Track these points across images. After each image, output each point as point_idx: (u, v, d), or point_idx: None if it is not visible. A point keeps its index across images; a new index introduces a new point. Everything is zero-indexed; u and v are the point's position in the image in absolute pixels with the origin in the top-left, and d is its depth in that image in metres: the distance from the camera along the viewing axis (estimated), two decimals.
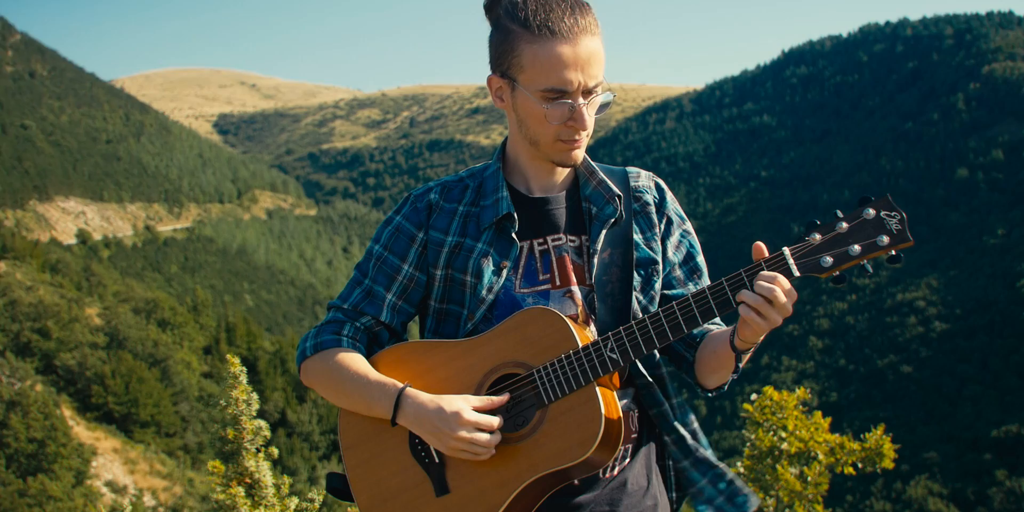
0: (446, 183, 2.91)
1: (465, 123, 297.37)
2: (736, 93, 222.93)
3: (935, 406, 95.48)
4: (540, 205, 2.83)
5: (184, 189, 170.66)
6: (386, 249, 2.86)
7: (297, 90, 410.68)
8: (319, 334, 2.84)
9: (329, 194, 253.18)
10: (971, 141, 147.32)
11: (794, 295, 2.44)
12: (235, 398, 4.82)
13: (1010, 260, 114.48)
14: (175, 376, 63.44)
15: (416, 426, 2.61)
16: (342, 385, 2.74)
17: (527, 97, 2.62)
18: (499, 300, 2.76)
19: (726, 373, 2.70)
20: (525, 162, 2.85)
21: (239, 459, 4.77)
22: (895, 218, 2.41)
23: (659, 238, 2.89)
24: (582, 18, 2.57)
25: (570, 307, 2.75)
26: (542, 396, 2.59)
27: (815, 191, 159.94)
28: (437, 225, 2.82)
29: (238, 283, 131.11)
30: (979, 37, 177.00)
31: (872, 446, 8.59)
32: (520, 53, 2.59)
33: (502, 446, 2.61)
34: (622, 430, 2.59)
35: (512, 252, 2.77)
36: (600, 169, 2.90)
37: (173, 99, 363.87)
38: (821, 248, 2.44)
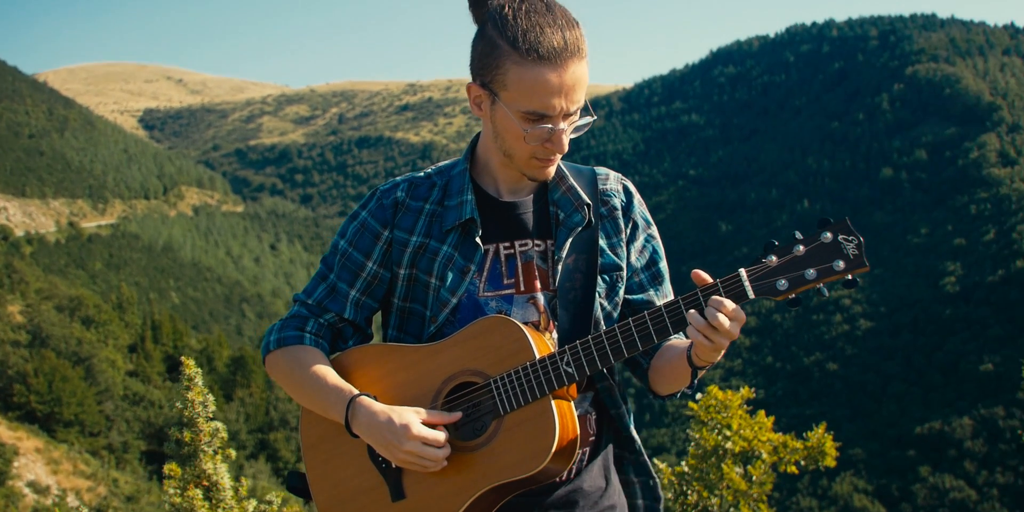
0: (413, 180, 2.89)
1: (395, 120, 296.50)
2: (665, 92, 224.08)
3: (860, 403, 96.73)
4: (508, 209, 2.81)
5: (109, 185, 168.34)
6: (351, 245, 2.84)
7: (224, 85, 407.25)
8: (283, 328, 2.85)
9: (256, 190, 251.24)
10: (895, 141, 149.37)
11: (742, 319, 2.43)
12: (191, 400, 4.76)
13: (934, 259, 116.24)
14: (99, 375, 62.63)
15: (367, 435, 2.62)
16: (301, 385, 2.77)
17: (507, 115, 2.59)
18: (462, 303, 2.76)
19: (680, 384, 2.73)
20: (496, 166, 2.82)
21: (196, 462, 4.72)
22: (852, 242, 2.38)
23: (624, 243, 2.88)
24: (572, 40, 2.53)
25: (532, 313, 2.76)
26: (498, 406, 2.59)
27: (743, 190, 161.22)
28: (402, 224, 2.81)
29: (164, 280, 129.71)
30: (903, 39, 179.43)
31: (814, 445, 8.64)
32: (505, 71, 2.54)
33: (459, 454, 2.62)
34: (577, 441, 2.60)
35: (477, 256, 2.75)
36: (569, 171, 2.89)
37: (98, 94, 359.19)
38: (777, 271, 2.43)
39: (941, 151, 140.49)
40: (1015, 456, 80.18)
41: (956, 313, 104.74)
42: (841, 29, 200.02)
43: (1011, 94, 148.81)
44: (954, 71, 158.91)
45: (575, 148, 2.26)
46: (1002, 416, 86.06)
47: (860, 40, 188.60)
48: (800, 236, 2.44)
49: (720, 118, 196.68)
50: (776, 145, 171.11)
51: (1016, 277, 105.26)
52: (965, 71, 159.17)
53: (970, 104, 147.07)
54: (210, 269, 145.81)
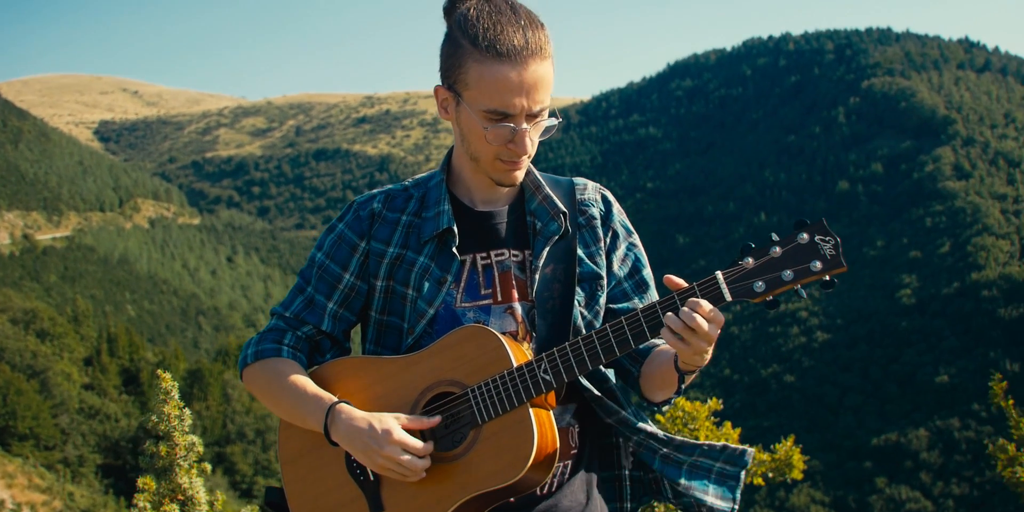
0: (390, 192, 2.89)
1: (352, 132, 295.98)
2: (622, 105, 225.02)
3: (817, 415, 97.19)
4: (484, 219, 2.80)
5: (64, 197, 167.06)
6: (328, 257, 2.84)
7: (180, 97, 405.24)
8: (260, 341, 2.84)
9: (213, 203, 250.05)
10: (851, 154, 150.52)
11: (720, 321, 2.39)
12: (167, 414, 4.70)
13: (889, 271, 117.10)
14: (55, 388, 62.11)
15: (347, 442, 2.60)
16: (280, 396, 2.76)
17: (470, 115, 2.59)
18: (439, 315, 2.75)
19: (670, 390, 2.70)
20: (469, 175, 2.81)
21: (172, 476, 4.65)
22: (829, 243, 2.36)
23: (604, 252, 2.86)
24: (533, 40, 2.53)
25: (510, 323, 2.74)
26: (476, 416, 2.58)
27: (700, 202, 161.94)
28: (379, 235, 2.81)
29: (120, 293, 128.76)
30: (859, 52, 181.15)
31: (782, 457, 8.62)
32: (467, 70, 2.55)
33: (437, 465, 2.60)
34: (557, 450, 2.58)
35: (453, 266, 2.75)
36: (546, 181, 2.87)
37: (52, 105, 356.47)
38: (754, 273, 2.40)
39: (897, 164, 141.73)
40: (971, 467, 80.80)
41: (912, 325, 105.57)
42: (797, 43, 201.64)
43: (965, 108, 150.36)
44: (909, 85, 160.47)
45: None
46: (957, 427, 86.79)
47: (816, 54, 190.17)
48: (776, 238, 2.41)
49: (677, 131, 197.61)
50: (733, 158, 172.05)
51: (971, 289, 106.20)
52: (920, 85, 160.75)
53: (925, 117, 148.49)
54: (166, 282, 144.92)
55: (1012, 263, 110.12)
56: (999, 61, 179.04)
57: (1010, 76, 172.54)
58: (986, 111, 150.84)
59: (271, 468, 59.59)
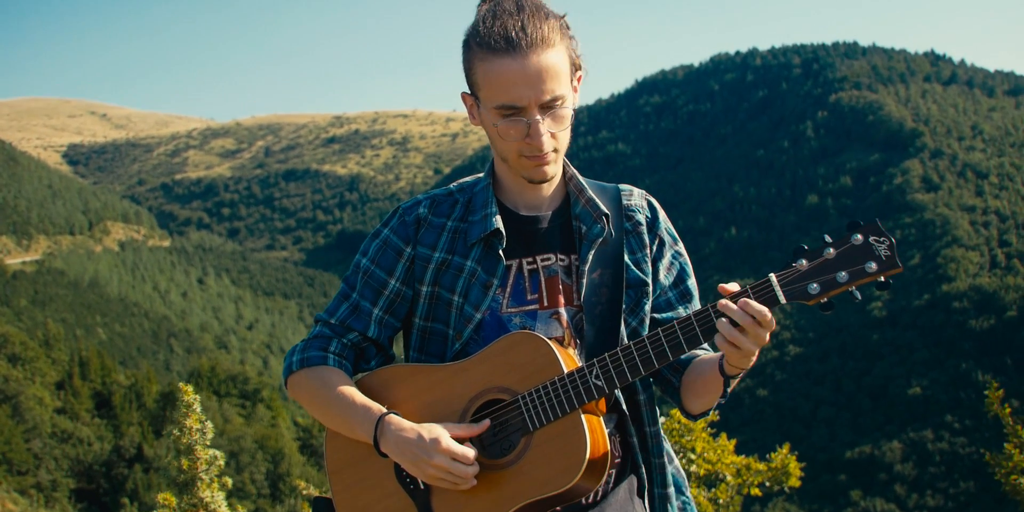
0: (435, 197, 2.86)
1: (321, 152, 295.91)
2: (591, 121, 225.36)
3: (790, 428, 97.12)
4: (529, 223, 2.78)
5: (33, 221, 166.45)
6: (373, 263, 2.81)
7: (149, 120, 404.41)
8: (306, 349, 2.80)
9: (183, 225, 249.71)
10: (820, 168, 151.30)
11: (772, 324, 2.39)
12: (189, 427, 4.68)
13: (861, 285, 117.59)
14: (27, 412, 61.59)
15: (396, 453, 2.57)
16: (327, 405, 2.72)
17: (487, 114, 2.59)
18: (485, 321, 2.73)
19: (712, 398, 2.68)
20: (510, 180, 2.80)
21: (194, 490, 4.64)
22: (884, 244, 2.34)
23: (650, 259, 2.84)
24: (536, 31, 2.51)
25: (556, 329, 2.71)
26: (527, 423, 2.55)
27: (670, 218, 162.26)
28: (425, 240, 2.78)
29: (91, 316, 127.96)
30: (826, 66, 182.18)
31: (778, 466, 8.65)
32: (475, 70, 2.57)
33: (488, 473, 2.57)
34: (608, 457, 2.55)
35: (499, 270, 2.72)
36: (590, 187, 2.85)
37: (21, 129, 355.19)
38: (808, 275, 2.38)
39: (866, 177, 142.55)
40: (945, 478, 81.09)
41: (883, 337, 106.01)
42: (765, 58, 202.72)
43: (933, 120, 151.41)
44: (877, 98, 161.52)
45: None
46: (931, 439, 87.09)
47: (784, 68, 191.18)
48: (830, 239, 2.39)
49: (646, 147, 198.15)
50: (702, 173, 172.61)
51: (942, 301, 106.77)
52: (888, 98, 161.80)
53: (893, 130, 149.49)
54: (137, 304, 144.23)
55: (982, 274, 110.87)
56: (965, 74, 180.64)
57: (976, 88, 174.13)
58: (953, 123, 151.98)
59: (245, 490, 59.27)
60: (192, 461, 4.65)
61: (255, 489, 60.12)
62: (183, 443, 4.65)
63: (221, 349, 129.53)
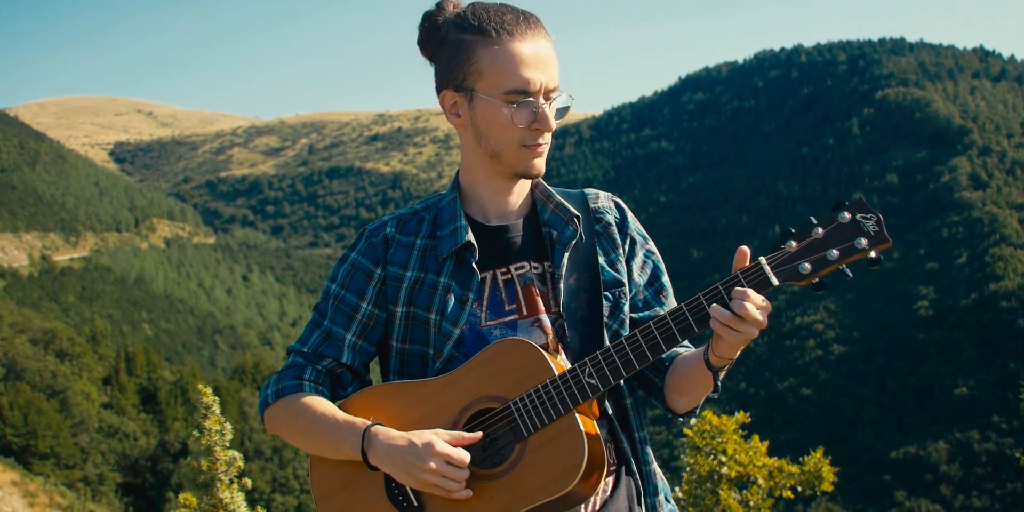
0: (401, 216, 2.84)
1: (364, 150, 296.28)
2: (634, 119, 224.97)
3: (834, 428, 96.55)
4: (499, 233, 2.76)
5: (81, 218, 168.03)
6: (343, 288, 2.78)
7: (194, 118, 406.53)
8: (280, 380, 2.77)
9: (228, 222, 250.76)
10: (866, 165, 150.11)
11: (768, 307, 2.38)
12: (208, 428, 4.68)
13: (906, 283, 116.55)
14: (74, 407, 62.30)
15: (386, 463, 2.52)
16: (308, 429, 2.68)
17: (488, 103, 2.57)
18: (465, 336, 2.70)
19: (698, 394, 2.68)
20: (481, 189, 2.77)
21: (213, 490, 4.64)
22: (871, 220, 2.34)
23: (624, 259, 2.83)
24: (535, 24, 2.58)
25: (539, 337, 2.69)
26: (520, 429, 2.52)
27: (713, 216, 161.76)
28: (395, 260, 2.75)
29: (137, 312, 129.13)
30: (872, 63, 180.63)
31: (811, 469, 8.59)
32: (478, 59, 2.55)
33: (482, 483, 2.53)
34: (605, 461, 2.53)
35: (474, 283, 2.70)
36: (557, 193, 2.84)
37: (68, 127, 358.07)
38: (799, 255, 2.38)
39: (912, 175, 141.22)
40: (991, 480, 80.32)
41: (930, 337, 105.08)
42: (810, 54, 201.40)
43: (981, 117, 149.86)
44: (924, 95, 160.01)
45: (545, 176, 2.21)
46: (977, 440, 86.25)
47: (829, 65, 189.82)
48: (816, 220, 2.39)
49: (690, 144, 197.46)
50: (746, 171, 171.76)
51: (989, 300, 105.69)
52: (935, 95, 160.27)
53: (941, 127, 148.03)
54: (182, 301, 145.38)
55: None
56: (1015, 69, 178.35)
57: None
58: (1002, 120, 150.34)
59: (288, 485, 59.60)
60: (211, 462, 4.65)
61: (298, 484, 60.48)
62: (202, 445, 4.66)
63: (265, 345, 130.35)
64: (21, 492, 51.95)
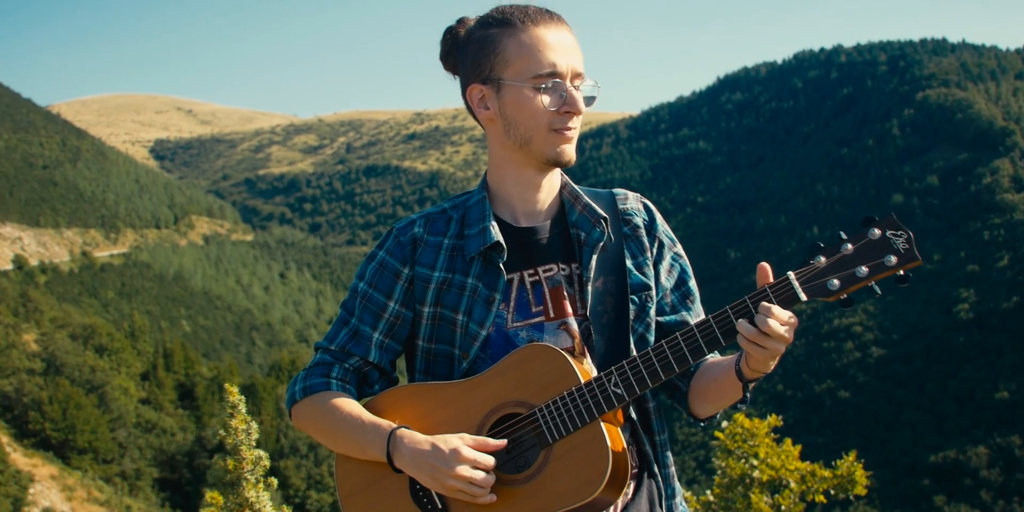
0: (429, 215, 2.83)
1: (402, 149, 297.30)
2: (672, 119, 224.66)
3: (873, 432, 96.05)
4: (527, 235, 2.76)
5: (121, 215, 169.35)
6: (370, 286, 2.79)
7: (234, 116, 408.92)
8: (307, 377, 2.79)
9: (266, 220, 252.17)
10: (906, 167, 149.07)
11: (794, 322, 2.37)
12: (235, 427, 4.67)
13: (946, 286, 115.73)
14: (112, 402, 62.77)
15: (412, 466, 2.53)
16: (335, 428, 2.70)
17: (517, 89, 2.59)
18: (491, 338, 2.71)
19: (725, 402, 2.69)
20: (509, 186, 2.77)
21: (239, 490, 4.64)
22: (902, 237, 2.32)
23: (651, 262, 2.82)
24: (557, 17, 2.62)
25: (565, 340, 2.70)
26: (545, 435, 2.53)
27: (751, 216, 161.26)
28: (423, 260, 2.76)
29: (175, 309, 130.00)
30: (913, 64, 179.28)
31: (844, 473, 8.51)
32: (504, 48, 2.59)
33: (507, 488, 2.53)
34: (629, 468, 2.54)
35: (500, 284, 2.70)
36: (585, 193, 2.83)
37: (109, 125, 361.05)
38: (827, 271, 2.37)
39: (953, 177, 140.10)
40: None
41: (970, 340, 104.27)
42: (850, 55, 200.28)
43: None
44: (966, 96, 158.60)
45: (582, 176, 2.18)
46: (1019, 445, 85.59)
47: (869, 65, 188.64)
48: (846, 235, 2.38)
49: (728, 145, 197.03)
50: (784, 172, 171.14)
51: None
52: (977, 96, 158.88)
53: (982, 129, 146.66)
54: (220, 298, 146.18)
55: None
56: None
57: None
58: None
59: (324, 482, 59.78)
60: (238, 461, 4.65)
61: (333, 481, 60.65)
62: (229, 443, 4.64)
63: (302, 343, 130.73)
64: (59, 486, 52.42)
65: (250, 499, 4.63)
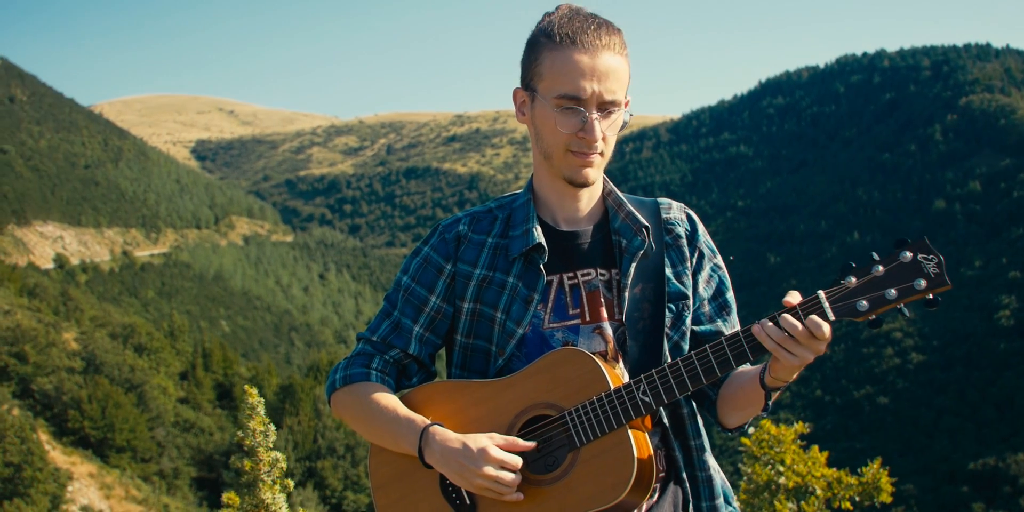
0: (475, 214, 2.92)
1: (442, 151, 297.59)
2: (713, 123, 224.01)
3: (912, 438, 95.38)
4: (569, 239, 2.81)
5: (162, 215, 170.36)
6: (414, 280, 2.86)
7: (275, 117, 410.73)
8: (348, 366, 2.87)
9: (306, 221, 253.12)
10: (948, 172, 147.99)
11: (827, 336, 2.39)
12: (252, 429, 4.76)
13: (987, 292, 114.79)
14: (151, 401, 63.00)
15: (442, 463, 2.60)
16: (371, 419, 2.77)
17: (544, 105, 2.63)
18: (527, 337, 2.76)
19: (751, 411, 2.72)
20: (547, 192, 2.83)
21: (256, 491, 4.71)
22: (932, 261, 2.34)
23: (690, 272, 2.86)
24: (607, 36, 2.61)
25: (599, 344, 2.74)
26: (573, 439, 2.57)
27: (791, 221, 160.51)
28: (465, 257, 2.82)
29: (214, 309, 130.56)
30: (956, 69, 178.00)
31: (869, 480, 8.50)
32: (541, 61, 2.63)
33: (534, 488, 2.59)
34: (654, 473, 2.58)
35: (540, 285, 2.75)
36: (630, 201, 2.88)
37: (151, 125, 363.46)
38: (857, 292, 2.39)
39: (996, 182, 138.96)
40: None
41: (1011, 347, 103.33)
42: (892, 59, 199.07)
43: None
44: (1009, 101, 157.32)
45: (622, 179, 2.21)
46: None
47: (912, 70, 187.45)
48: (878, 256, 2.39)
49: (769, 149, 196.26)
50: (826, 176, 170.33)
51: None
52: (1020, 101, 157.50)
53: None
54: (260, 298, 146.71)
55: None
56: None
57: None
58: None
59: (361, 483, 59.87)
60: (255, 463, 4.72)
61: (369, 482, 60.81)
62: (247, 445, 4.73)
63: (340, 344, 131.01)
64: (98, 484, 52.64)
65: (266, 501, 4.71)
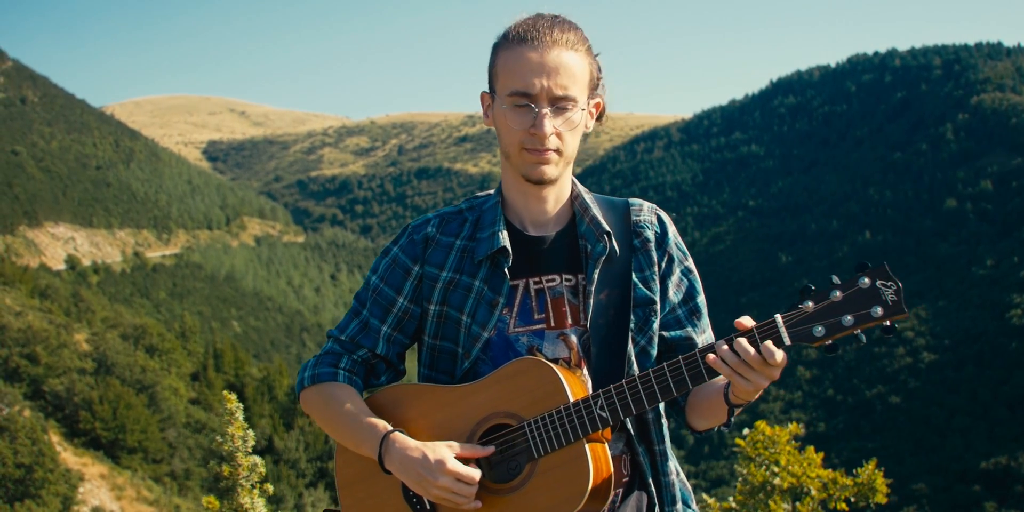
0: (444, 215, 2.92)
1: (453, 151, 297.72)
2: (724, 122, 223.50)
3: (924, 437, 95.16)
4: (535, 243, 2.81)
5: (173, 215, 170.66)
6: (382, 280, 2.89)
7: (286, 117, 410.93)
8: (317, 365, 2.89)
9: (317, 221, 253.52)
10: (960, 171, 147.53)
11: (779, 362, 2.42)
12: (231, 434, 4.79)
13: (999, 291, 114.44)
14: (162, 402, 63.11)
15: (401, 471, 2.62)
16: (335, 421, 2.79)
17: (499, 103, 2.66)
18: (492, 340, 2.76)
19: (716, 422, 2.73)
20: (515, 194, 2.84)
21: (234, 496, 4.75)
22: (891, 288, 2.34)
23: (658, 276, 2.84)
24: (559, 33, 2.62)
25: (563, 349, 2.75)
26: (532, 450, 2.59)
27: (803, 221, 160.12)
28: (433, 260, 2.84)
29: (226, 309, 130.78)
30: (968, 68, 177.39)
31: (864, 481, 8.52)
32: (497, 62, 2.66)
33: (492, 496, 2.62)
34: (611, 483, 2.60)
35: (504, 289, 2.75)
36: (600, 203, 2.88)
37: (163, 126, 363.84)
38: (814, 317, 2.40)
39: (1007, 181, 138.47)
40: None
41: (1023, 346, 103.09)
42: (904, 58, 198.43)
43: None
44: (1021, 100, 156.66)
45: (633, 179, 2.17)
46: None
47: (923, 70, 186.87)
48: (837, 281, 2.40)
49: (780, 148, 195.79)
50: (837, 176, 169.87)
51: None
52: None
53: None
54: (271, 299, 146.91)
55: None
56: None
57: None
58: None
59: None
60: (233, 468, 4.76)
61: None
62: (225, 450, 4.75)
63: None
64: (109, 485, 52.75)
65: (244, 505, 4.74)
